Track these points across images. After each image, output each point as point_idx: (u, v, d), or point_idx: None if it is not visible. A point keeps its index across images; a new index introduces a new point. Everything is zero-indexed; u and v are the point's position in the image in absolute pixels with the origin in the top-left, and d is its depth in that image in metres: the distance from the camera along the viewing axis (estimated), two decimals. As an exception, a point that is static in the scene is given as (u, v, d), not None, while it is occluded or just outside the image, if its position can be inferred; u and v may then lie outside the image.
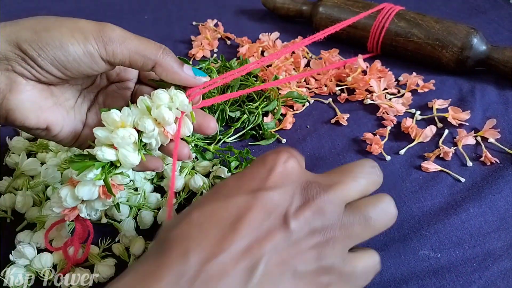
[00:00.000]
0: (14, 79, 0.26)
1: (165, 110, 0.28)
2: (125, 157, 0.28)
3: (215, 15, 0.66)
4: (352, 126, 0.46)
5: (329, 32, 0.45)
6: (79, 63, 0.27)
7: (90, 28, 0.26)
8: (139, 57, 0.27)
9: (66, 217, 0.30)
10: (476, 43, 0.49)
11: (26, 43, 0.25)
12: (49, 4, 0.71)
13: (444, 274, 0.33)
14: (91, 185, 0.28)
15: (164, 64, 0.28)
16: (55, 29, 0.26)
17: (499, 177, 0.39)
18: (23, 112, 0.27)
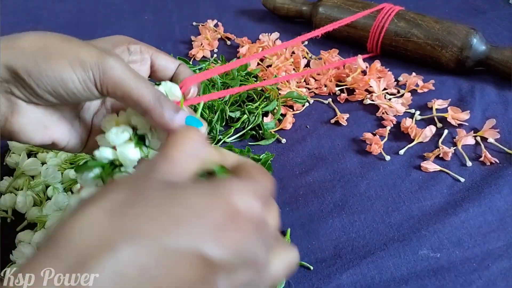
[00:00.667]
0: (14, 101, 0.26)
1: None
2: (123, 153, 0.27)
3: (215, 16, 0.66)
4: (351, 126, 0.47)
5: (327, 29, 0.45)
6: (77, 96, 0.26)
7: (91, 60, 0.25)
8: (131, 102, 0.26)
9: None
10: (476, 43, 0.49)
11: (25, 74, 0.25)
12: (49, 4, 0.71)
13: (443, 273, 0.33)
14: (93, 187, 0.28)
15: (154, 114, 0.26)
16: (55, 60, 0.25)
17: (498, 177, 0.39)
18: (27, 134, 0.27)
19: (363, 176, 0.41)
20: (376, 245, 0.35)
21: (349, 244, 0.35)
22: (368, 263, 0.34)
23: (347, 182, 0.40)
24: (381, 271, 0.33)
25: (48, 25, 0.66)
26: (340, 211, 0.38)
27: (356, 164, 0.42)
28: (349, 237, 0.36)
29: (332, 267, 0.34)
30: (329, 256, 0.34)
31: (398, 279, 0.33)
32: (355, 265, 0.33)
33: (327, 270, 0.33)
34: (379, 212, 0.38)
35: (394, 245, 0.35)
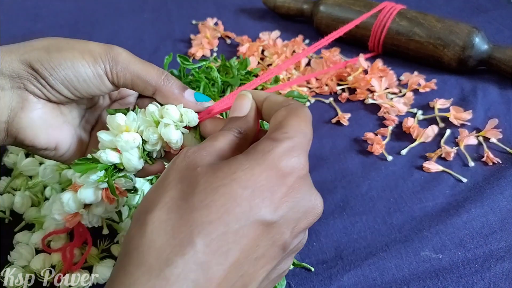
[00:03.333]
0: (25, 97, 0.27)
1: (173, 132, 0.28)
2: (129, 160, 0.28)
3: (215, 14, 0.66)
4: (353, 126, 0.46)
5: (334, 37, 0.45)
6: (88, 84, 0.27)
7: (99, 50, 0.27)
8: (141, 82, 0.28)
9: (67, 224, 0.29)
10: (478, 42, 0.48)
11: (38, 63, 0.26)
12: (48, 3, 0.71)
13: (445, 275, 0.32)
14: (94, 188, 0.28)
15: (164, 90, 0.28)
16: (66, 50, 0.27)
17: (501, 177, 0.39)
18: (34, 131, 0.27)
19: (365, 176, 0.41)
20: (378, 246, 0.35)
21: (350, 245, 0.35)
22: (370, 265, 0.33)
23: (349, 183, 0.40)
24: (382, 273, 0.33)
25: (46, 24, 0.66)
26: (341, 211, 0.38)
27: (358, 164, 0.42)
28: (350, 238, 0.36)
29: (333, 268, 0.33)
30: (330, 258, 0.34)
31: (400, 281, 0.32)
32: (356, 266, 0.33)
33: (328, 272, 0.33)
34: (381, 213, 0.37)
35: (396, 246, 0.34)
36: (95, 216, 0.29)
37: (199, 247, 0.18)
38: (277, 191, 0.20)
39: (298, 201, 0.21)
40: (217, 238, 0.19)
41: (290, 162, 0.21)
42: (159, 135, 0.28)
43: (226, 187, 0.20)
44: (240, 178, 0.20)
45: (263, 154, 0.21)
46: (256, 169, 0.20)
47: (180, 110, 0.28)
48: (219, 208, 0.19)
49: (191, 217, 0.19)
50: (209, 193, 0.19)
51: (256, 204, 0.19)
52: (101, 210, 0.29)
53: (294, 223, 0.21)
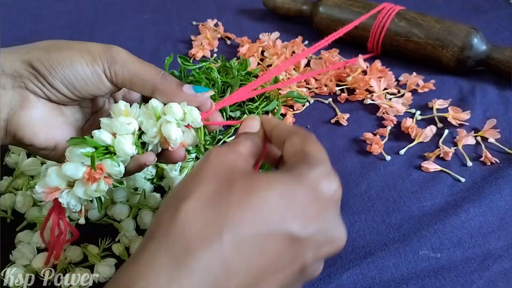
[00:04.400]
0: (26, 96, 0.27)
1: (173, 129, 0.28)
2: (120, 143, 0.27)
3: (215, 15, 0.66)
4: (352, 126, 0.46)
5: (333, 38, 0.45)
6: (87, 83, 0.28)
7: (98, 49, 0.28)
8: (139, 81, 0.28)
9: (44, 197, 0.28)
10: (477, 43, 0.49)
11: (38, 62, 0.27)
12: (48, 3, 0.71)
13: (444, 274, 0.33)
14: (78, 164, 0.27)
15: (162, 87, 0.28)
16: (66, 50, 0.27)
17: (499, 177, 0.39)
18: (33, 129, 0.27)
19: (364, 176, 0.41)
20: (377, 245, 0.35)
21: (349, 244, 0.35)
22: (369, 263, 0.33)
23: (348, 182, 0.40)
24: (381, 272, 0.33)
25: (47, 25, 0.66)
26: (340, 211, 0.38)
27: (357, 164, 0.42)
28: (349, 237, 0.35)
29: (332, 267, 0.34)
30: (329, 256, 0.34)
31: (399, 279, 0.33)
32: (355, 265, 0.33)
33: (327, 270, 0.33)
34: (380, 212, 0.37)
35: (394, 245, 0.35)
36: (74, 197, 0.28)
37: (226, 244, 0.18)
38: (311, 209, 0.20)
39: (327, 225, 0.21)
40: (245, 239, 0.19)
41: (329, 185, 0.22)
42: (158, 129, 0.28)
43: (263, 192, 0.20)
44: (278, 188, 0.20)
45: (301, 174, 0.21)
46: (294, 185, 0.21)
47: (184, 109, 0.28)
48: (253, 211, 0.19)
49: (224, 213, 0.19)
50: (246, 195, 0.20)
51: (289, 216, 0.20)
52: (81, 191, 0.28)
53: (318, 246, 0.21)
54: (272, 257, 0.19)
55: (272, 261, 0.19)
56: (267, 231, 0.19)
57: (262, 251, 0.19)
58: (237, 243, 0.18)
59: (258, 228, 0.19)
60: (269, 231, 0.19)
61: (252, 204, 0.19)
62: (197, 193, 0.20)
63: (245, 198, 0.20)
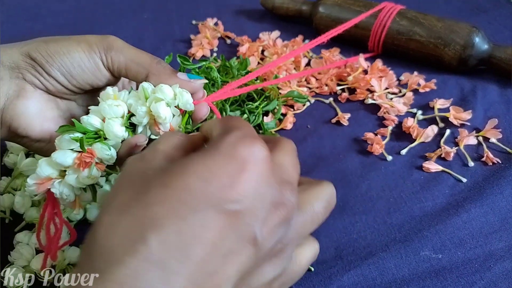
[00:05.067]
0: (23, 86, 0.28)
1: (162, 107, 0.27)
2: (110, 126, 0.27)
3: (215, 14, 0.66)
4: (353, 126, 0.46)
5: (332, 35, 0.45)
6: (84, 70, 0.29)
7: (94, 39, 0.29)
8: (134, 65, 0.29)
9: (36, 188, 0.27)
10: (478, 42, 0.48)
11: (36, 52, 0.28)
12: (49, 3, 0.71)
13: (445, 275, 0.32)
14: (68, 151, 0.27)
15: (156, 71, 0.29)
16: (63, 40, 0.29)
17: (500, 177, 0.39)
18: (28, 118, 0.28)
19: (364, 176, 0.41)
20: (378, 246, 0.35)
21: (350, 245, 0.35)
22: (370, 264, 0.33)
23: (348, 183, 0.40)
24: (382, 272, 0.33)
25: (46, 24, 0.66)
26: (341, 211, 0.38)
27: (357, 164, 0.42)
28: (350, 238, 0.36)
29: (333, 268, 0.33)
30: (330, 257, 0.34)
31: (400, 280, 0.32)
32: (356, 266, 0.33)
33: (328, 272, 0.33)
34: (381, 213, 0.37)
35: (395, 246, 0.34)
36: (66, 185, 0.27)
37: (153, 244, 0.17)
38: (236, 177, 0.18)
39: (262, 189, 0.19)
40: (173, 234, 0.17)
41: (248, 148, 0.19)
42: (148, 108, 0.28)
43: (179, 181, 0.18)
44: (194, 170, 0.19)
45: (215, 146, 0.20)
46: (209, 160, 0.19)
47: (174, 90, 0.28)
48: (173, 202, 0.18)
49: (143, 215, 0.18)
50: (163, 188, 0.18)
51: (213, 193, 0.18)
52: (73, 178, 0.27)
53: (262, 213, 0.19)
54: (213, 242, 0.18)
55: (215, 246, 0.18)
56: (196, 218, 0.18)
57: (198, 239, 0.17)
58: (165, 240, 0.17)
59: (185, 218, 0.17)
60: (197, 217, 0.18)
61: (170, 195, 0.18)
62: (111, 205, 0.19)
63: (162, 192, 0.18)
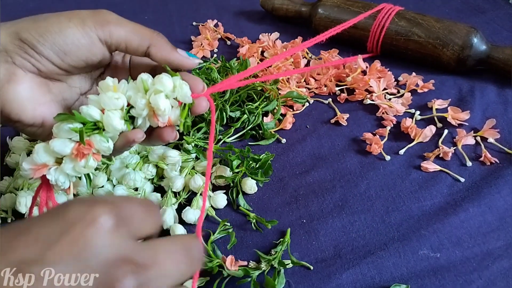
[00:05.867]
0: (13, 71, 0.27)
1: (162, 99, 0.27)
2: (109, 118, 0.27)
3: (215, 16, 0.66)
4: (351, 126, 0.47)
5: (330, 34, 0.46)
6: (78, 46, 0.27)
7: (87, 13, 0.28)
8: (135, 37, 0.28)
9: (31, 173, 0.27)
10: (477, 42, 0.49)
11: (26, 32, 0.26)
12: (49, 4, 0.71)
13: (443, 273, 0.33)
14: (66, 140, 0.27)
15: (158, 44, 0.28)
16: (53, 17, 0.27)
17: (498, 177, 0.39)
18: (20, 103, 0.27)
19: (363, 176, 0.41)
20: (376, 245, 0.35)
21: (349, 244, 0.35)
22: (368, 263, 0.34)
23: (347, 182, 0.40)
24: (381, 271, 0.33)
25: (48, 25, 0.66)
26: (340, 211, 0.38)
27: (356, 164, 0.42)
28: (349, 237, 0.36)
29: (332, 267, 0.34)
30: (329, 256, 0.35)
31: (398, 279, 0.33)
32: (355, 265, 0.33)
33: (327, 270, 0.33)
34: (379, 212, 0.38)
35: (394, 245, 0.35)
36: (62, 173, 0.27)
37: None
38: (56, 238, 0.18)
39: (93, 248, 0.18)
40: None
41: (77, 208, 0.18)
42: (147, 100, 0.27)
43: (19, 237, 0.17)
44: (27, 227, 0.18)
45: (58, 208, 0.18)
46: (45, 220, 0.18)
47: (175, 82, 0.28)
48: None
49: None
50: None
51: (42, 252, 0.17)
52: (69, 167, 0.27)
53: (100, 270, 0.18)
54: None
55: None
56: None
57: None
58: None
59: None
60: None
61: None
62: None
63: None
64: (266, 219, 0.37)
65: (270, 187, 0.41)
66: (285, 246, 0.35)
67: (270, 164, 0.41)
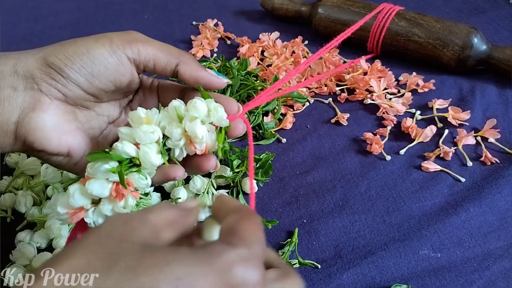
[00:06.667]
0: (38, 98, 0.26)
1: (198, 126, 0.26)
2: (146, 154, 0.26)
3: (215, 15, 0.66)
4: (352, 126, 0.46)
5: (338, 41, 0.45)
6: (106, 66, 0.26)
7: (115, 33, 0.27)
8: (163, 55, 0.28)
9: (69, 219, 0.26)
10: (477, 42, 0.49)
11: (53, 56, 0.26)
12: (48, 3, 0.71)
13: (444, 273, 0.33)
14: (103, 181, 0.26)
15: (187, 61, 0.28)
16: (80, 40, 0.27)
17: (499, 177, 0.39)
18: (44, 132, 0.26)
19: (364, 176, 0.41)
20: (377, 245, 0.35)
21: (349, 244, 0.35)
22: (369, 263, 0.33)
23: (348, 182, 0.40)
24: (381, 271, 0.33)
25: (47, 25, 0.66)
26: (340, 211, 0.38)
27: (357, 164, 0.42)
28: (349, 237, 0.36)
29: (333, 267, 0.34)
30: (330, 256, 0.34)
31: (399, 279, 0.33)
32: (355, 265, 0.33)
33: (328, 270, 0.33)
34: (380, 212, 0.38)
35: (394, 245, 0.35)
36: (100, 215, 0.27)
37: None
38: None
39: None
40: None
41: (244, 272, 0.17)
42: (183, 129, 0.26)
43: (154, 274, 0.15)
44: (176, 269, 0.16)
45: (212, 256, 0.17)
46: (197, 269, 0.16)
47: (209, 105, 0.27)
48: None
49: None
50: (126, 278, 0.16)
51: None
52: (108, 208, 0.26)
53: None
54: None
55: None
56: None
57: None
58: None
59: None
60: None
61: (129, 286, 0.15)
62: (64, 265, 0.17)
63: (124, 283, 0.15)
64: (266, 219, 0.37)
65: (270, 187, 0.40)
66: (293, 247, 0.35)
67: (271, 164, 0.41)
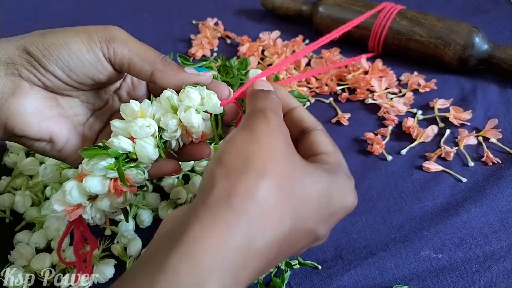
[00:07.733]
0: (18, 83, 0.26)
1: (193, 115, 0.26)
2: (143, 148, 0.25)
3: (215, 14, 0.66)
4: (353, 126, 0.46)
5: (334, 36, 0.45)
6: (83, 62, 0.26)
7: (95, 28, 0.27)
8: (138, 60, 0.27)
9: (67, 216, 0.26)
10: (479, 42, 0.48)
11: (32, 45, 0.26)
12: (48, 2, 0.71)
13: (445, 274, 0.33)
14: (101, 178, 0.26)
15: (163, 69, 0.27)
16: (61, 31, 0.26)
17: (500, 177, 0.39)
18: (24, 117, 0.26)
19: (365, 176, 0.41)
20: (378, 245, 0.35)
21: (350, 245, 0.35)
22: (370, 264, 0.33)
23: (348, 182, 0.40)
24: (382, 272, 0.33)
25: (46, 23, 0.66)
26: (341, 211, 0.38)
27: (358, 164, 0.42)
28: (350, 237, 0.36)
29: (333, 268, 0.33)
30: (330, 257, 0.34)
31: (400, 280, 0.32)
32: (356, 266, 0.33)
33: (328, 271, 0.33)
34: (381, 213, 0.37)
35: (395, 246, 0.34)
36: (98, 211, 0.27)
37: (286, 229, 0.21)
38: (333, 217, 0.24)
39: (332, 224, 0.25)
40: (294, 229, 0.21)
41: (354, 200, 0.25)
42: (178, 120, 0.26)
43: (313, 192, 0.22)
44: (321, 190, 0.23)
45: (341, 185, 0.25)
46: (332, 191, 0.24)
47: (201, 93, 0.26)
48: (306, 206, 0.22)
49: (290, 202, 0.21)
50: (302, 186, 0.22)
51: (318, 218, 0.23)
52: (106, 204, 0.26)
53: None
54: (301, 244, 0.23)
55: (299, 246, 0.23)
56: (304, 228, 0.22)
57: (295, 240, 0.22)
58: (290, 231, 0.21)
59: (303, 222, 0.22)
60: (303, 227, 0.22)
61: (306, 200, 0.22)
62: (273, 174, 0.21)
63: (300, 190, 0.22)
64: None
65: (270, 187, 0.40)
66: None
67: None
